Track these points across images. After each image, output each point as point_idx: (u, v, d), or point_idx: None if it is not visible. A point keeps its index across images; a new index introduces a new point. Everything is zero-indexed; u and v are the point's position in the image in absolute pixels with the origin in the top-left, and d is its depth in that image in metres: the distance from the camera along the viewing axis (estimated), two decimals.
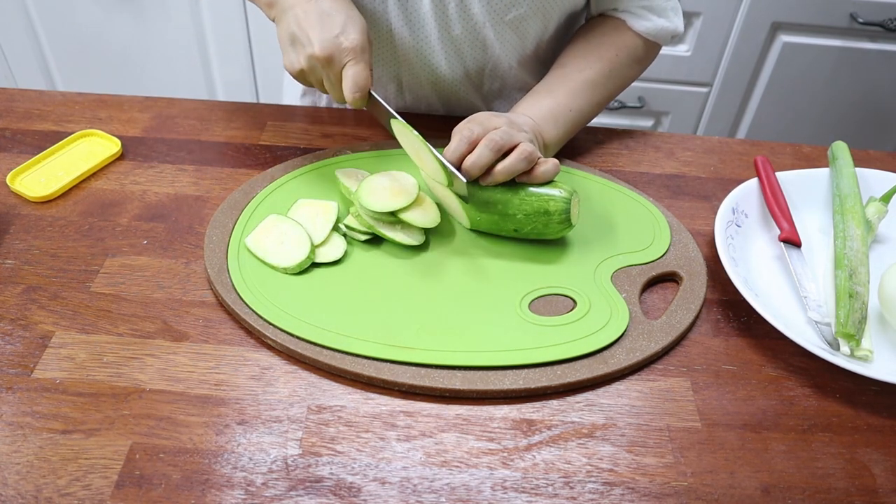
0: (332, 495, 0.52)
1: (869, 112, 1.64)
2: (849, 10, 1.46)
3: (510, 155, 0.66)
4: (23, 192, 0.76)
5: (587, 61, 0.81)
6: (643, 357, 0.62)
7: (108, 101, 0.90)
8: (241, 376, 0.60)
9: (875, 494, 0.55)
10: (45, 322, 0.63)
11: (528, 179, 0.67)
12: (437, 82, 0.86)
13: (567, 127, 0.79)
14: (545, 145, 0.76)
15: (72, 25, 1.66)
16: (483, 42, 0.81)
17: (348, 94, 0.67)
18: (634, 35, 0.83)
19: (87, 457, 0.54)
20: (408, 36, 0.80)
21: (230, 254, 0.68)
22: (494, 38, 0.81)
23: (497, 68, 0.85)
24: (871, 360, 0.62)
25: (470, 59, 0.83)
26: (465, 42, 0.81)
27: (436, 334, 0.62)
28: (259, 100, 1.75)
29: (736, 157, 0.87)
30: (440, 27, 0.79)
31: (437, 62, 0.83)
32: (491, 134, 0.66)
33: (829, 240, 0.74)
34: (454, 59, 0.83)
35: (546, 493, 0.53)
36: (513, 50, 0.84)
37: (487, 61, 0.84)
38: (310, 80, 0.70)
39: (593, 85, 0.80)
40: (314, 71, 0.68)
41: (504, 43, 0.82)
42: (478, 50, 0.82)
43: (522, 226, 0.68)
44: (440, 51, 0.82)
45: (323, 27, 0.65)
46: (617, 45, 0.82)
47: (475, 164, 0.66)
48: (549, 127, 0.77)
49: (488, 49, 0.82)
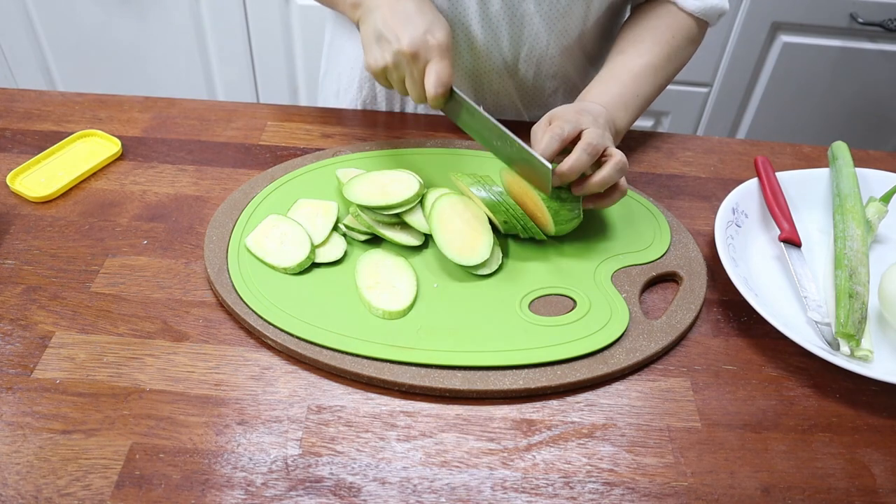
0: (332, 495, 0.52)
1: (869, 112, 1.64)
2: (849, 10, 1.46)
3: (606, 165, 0.66)
4: (23, 192, 0.76)
5: (646, 45, 0.81)
6: (643, 357, 0.62)
7: (108, 101, 0.90)
8: (241, 376, 0.60)
9: (875, 494, 0.55)
10: (45, 322, 0.63)
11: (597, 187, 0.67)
12: (473, 65, 0.86)
13: (635, 113, 0.79)
14: (616, 133, 0.76)
15: (72, 25, 1.66)
16: (521, 19, 0.81)
17: (431, 88, 0.67)
18: (686, 15, 0.83)
19: (87, 457, 0.54)
20: (447, 9, 0.80)
21: (230, 254, 0.68)
22: (534, 10, 0.81)
23: (533, 51, 0.85)
24: (871, 360, 0.62)
25: (506, 38, 0.83)
26: (503, 18, 0.81)
27: (436, 334, 0.62)
28: (259, 100, 1.75)
29: (736, 157, 0.87)
30: (480, 1, 0.79)
31: (474, 37, 0.83)
32: (588, 137, 0.66)
33: (829, 240, 0.74)
34: (490, 38, 0.83)
35: (546, 493, 0.53)
36: (551, 32, 0.83)
37: (524, 42, 0.84)
38: (391, 79, 0.71)
39: (655, 69, 0.80)
40: (398, 67, 0.68)
41: (543, 22, 0.82)
42: (515, 28, 0.82)
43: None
44: (478, 26, 0.81)
45: (411, 25, 0.67)
46: (672, 27, 0.82)
47: (573, 169, 0.65)
48: (620, 114, 0.76)
49: (525, 28, 0.82)
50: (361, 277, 0.66)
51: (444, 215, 0.68)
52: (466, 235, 0.68)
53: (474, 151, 0.82)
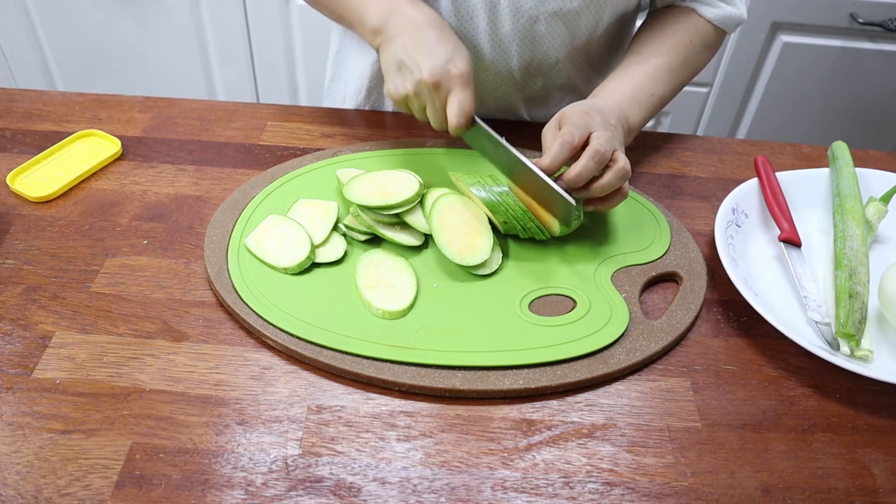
0: (332, 495, 0.52)
1: (869, 112, 1.64)
2: (849, 10, 1.46)
3: (609, 172, 0.66)
4: (23, 192, 0.76)
5: (664, 47, 0.81)
6: (643, 357, 0.62)
7: (108, 101, 0.90)
8: (241, 376, 0.60)
9: (875, 494, 0.55)
10: (45, 322, 0.63)
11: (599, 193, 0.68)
12: (478, 77, 0.85)
13: (649, 112, 0.78)
14: (629, 130, 0.75)
15: (72, 25, 1.66)
16: (532, 38, 0.81)
17: (453, 118, 0.67)
18: (705, 21, 0.83)
19: (87, 457, 0.54)
20: (456, 26, 0.80)
21: (230, 254, 0.68)
22: (545, 32, 0.80)
23: (542, 65, 0.85)
24: (871, 360, 0.62)
25: (516, 56, 0.83)
26: (513, 39, 0.81)
27: (436, 334, 0.62)
28: (259, 100, 1.75)
29: (736, 157, 0.87)
30: (490, 21, 0.79)
31: (483, 56, 0.82)
32: (596, 144, 0.65)
33: (829, 240, 0.74)
34: (499, 57, 0.83)
35: (546, 493, 0.53)
36: (561, 45, 0.83)
37: (534, 58, 0.84)
38: (412, 106, 0.71)
39: (671, 70, 0.80)
40: (420, 96, 0.69)
41: (553, 37, 0.82)
42: (526, 47, 0.82)
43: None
44: (487, 45, 0.81)
45: (432, 55, 0.67)
46: (689, 31, 0.82)
47: (581, 177, 0.65)
48: (633, 111, 0.75)
49: (537, 45, 0.82)
50: (361, 277, 0.66)
51: (443, 215, 0.68)
52: (466, 235, 0.68)
53: (474, 151, 0.82)
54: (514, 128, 0.89)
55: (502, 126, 0.83)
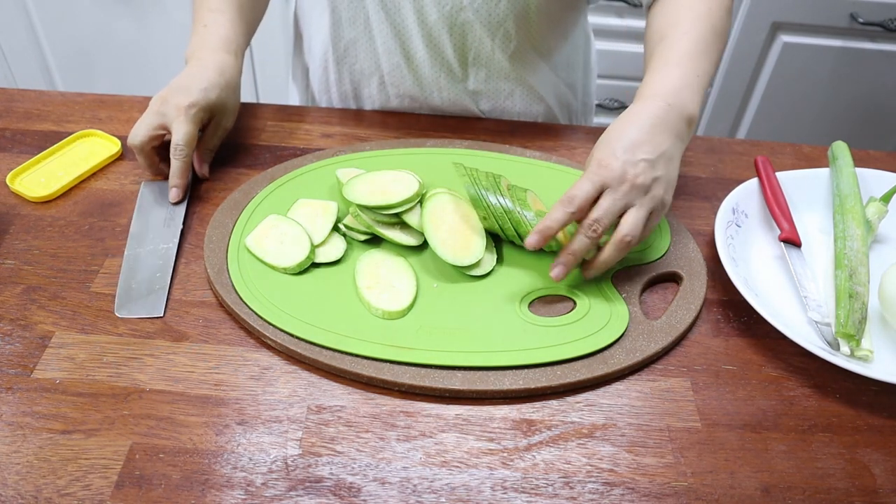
0: (332, 495, 0.52)
1: (869, 112, 1.64)
2: (849, 10, 1.46)
3: (608, 246, 0.64)
4: (23, 192, 0.76)
5: (687, 24, 0.75)
6: (643, 357, 0.62)
7: (108, 101, 0.90)
8: (241, 376, 0.60)
9: (875, 494, 0.55)
10: (44, 322, 0.63)
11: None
12: (418, 72, 0.85)
13: (701, 94, 0.72)
14: (690, 120, 0.70)
15: (72, 26, 1.66)
16: (461, 25, 0.80)
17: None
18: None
19: (87, 457, 0.54)
20: (386, 23, 0.80)
21: (230, 254, 0.68)
22: (473, 18, 0.79)
23: (479, 55, 0.83)
24: (871, 360, 0.62)
25: (449, 45, 0.82)
26: (442, 27, 0.80)
27: (436, 334, 0.62)
28: (259, 100, 1.75)
29: (736, 157, 0.87)
30: (416, 11, 0.79)
31: (417, 49, 0.82)
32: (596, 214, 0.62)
33: (829, 240, 0.74)
34: (433, 48, 0.82)
35: (546, 493, 0.53)
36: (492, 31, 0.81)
37: (469, 49, 0.83)
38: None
39: (706, 44, 0.74)
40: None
41: (482, 23, 0.80)
42: (457, 35, 0.81)
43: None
44: (419, 37, 0.80)
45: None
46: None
47: (576, 257, 0.64)
48: (686, 100, 0.69)
49: (468, 33, 0.81)
50: (361, 277, 0.66)
51: (436, 215, 0.68)
52: (460, 235, 0.68)
53: (475, 151, 0.82)
54: (469, 125, 0.88)
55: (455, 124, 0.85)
